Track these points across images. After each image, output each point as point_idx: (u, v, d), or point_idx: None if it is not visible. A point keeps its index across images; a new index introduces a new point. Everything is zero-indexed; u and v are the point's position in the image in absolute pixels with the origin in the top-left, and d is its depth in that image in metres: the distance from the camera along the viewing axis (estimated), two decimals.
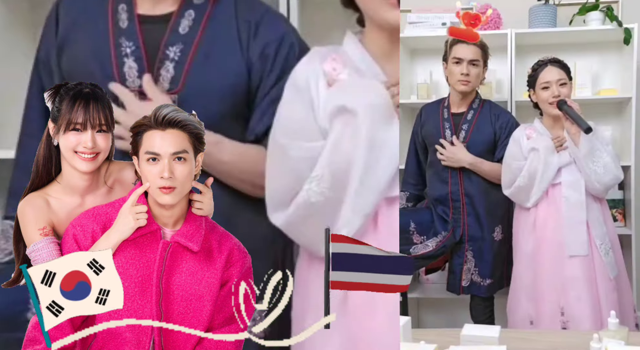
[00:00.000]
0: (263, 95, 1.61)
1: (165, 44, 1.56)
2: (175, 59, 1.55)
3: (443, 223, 2.51)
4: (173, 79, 1.55)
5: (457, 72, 2.46)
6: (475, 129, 2.53)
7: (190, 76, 1.55)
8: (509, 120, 2.56)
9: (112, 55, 1.55)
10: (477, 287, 2.50)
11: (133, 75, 1.54)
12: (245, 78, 1.60)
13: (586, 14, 2.99)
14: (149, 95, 1.52)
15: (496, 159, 2.49)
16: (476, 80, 2.50)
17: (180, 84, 1.55)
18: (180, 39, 1.57)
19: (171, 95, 1.54)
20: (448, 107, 2.57)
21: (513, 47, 2.94)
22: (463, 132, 2.52)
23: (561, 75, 2.31)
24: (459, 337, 1.57)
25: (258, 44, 1.61)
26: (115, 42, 1.56)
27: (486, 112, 2.57)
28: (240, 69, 1.60)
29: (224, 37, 1.60)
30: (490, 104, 2.60)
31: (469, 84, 2.47)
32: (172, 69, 1.55)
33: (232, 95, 1.59)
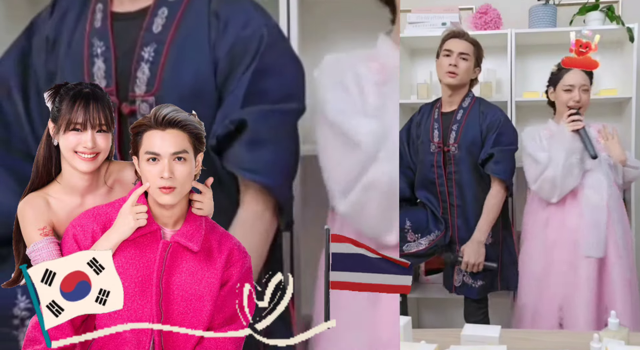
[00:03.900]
0: (227, 95, 1.54)
1: (140, 45, 1.51)
2: (150, 60, 1.51)
3: (436, 222, 2.47)
4: (149, 80, 1.51)
5: (445, 64, 2.41)
6: (465, 129, 2.45)
7: (164, 78, 1.51)
8: (497, 119, 2.45)
9: (84, 55, 1.52)
10: (468, 288, 2.48)
11: (100, 76, 1.51)
12: (211, 79, 1.54)
13: (586, 14, 2.99)
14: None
15: (481, 158, 2.40)
16: (465, 74, 2.42)
17: (156, 85, 1.50)
18: (154, 38, 1.52)
19: (148, 98, 1.50)
20: (439, 107, 2.51)
21: (513, 47, 2.94)
22: (453, 133, 2.44)
23: (585, 80, 2.30)
24: (459, 337, 1.57)
25: (226, 42, 1.55)
26: (89, 42, 1.53)
27: (475, 111, 2.49)
28: (206, 69, 1.53)
29: (195, 36, 1.55)
30: (480, 102, 2.52)
31: (456, 77, 2.40)
32: (147, 70, 1.51)
33: (201, 97, 1.52)
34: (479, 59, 2.47)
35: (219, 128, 1.51)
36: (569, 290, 2.22)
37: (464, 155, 2.43)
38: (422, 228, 2.46)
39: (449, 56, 2.41)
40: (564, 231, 2.25)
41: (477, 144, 2.43)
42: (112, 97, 1.43)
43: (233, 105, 1.51)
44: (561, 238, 2.26)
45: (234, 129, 1.50)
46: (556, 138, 2.31)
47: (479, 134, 2.43)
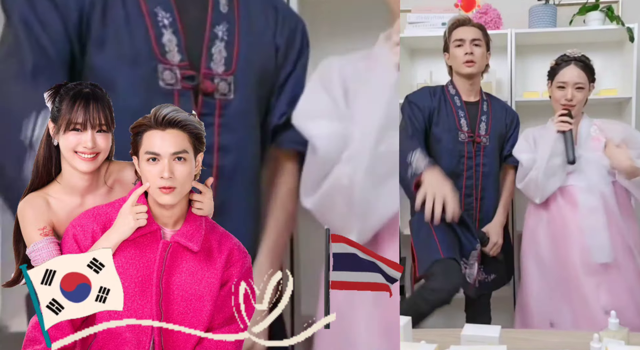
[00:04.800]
0: (285, 79, 1.62)
1: (211, 22, 1.51)
2: (225, 39, 1.51)
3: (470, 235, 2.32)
4: (226, 59, 1.52)
5: (460, 54, 2.35)
6: (493, 121, 2.42)
7: (240, 57, 1.53)
8: (515, 116, 2.51)
9: (147, 24, 1.46)
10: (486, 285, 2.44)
11: (172, 48, 1.47)
12: (273, 61, 1.61)
13: (586, 14, 2.99)
14: None
15: (508, 151, 2.42)
16: (481, 61, 2.37)
17: (234, 65, 1.52)
18: (224, 17, 1.53)
19: (227, 77, 1.52)
20: (458, 95, 2.42)
21: (513, 47, 2.94)
22: (483, 124, 2.40)
23: (580, 77, 2.26)
24: (459, 337, 1.57)
25: (285, 28, 1.62)
26: (150, 11, 1.47)
27: (496, 105, 2.49)
28: (270, 51, 1.60)
29: (256, 17, 1.59)
30: (494, 97, 2.54)
31: (474, 65, 2.35)
32: (223, 49, 1.51)
33: (267, 78, 1.59)
34: (488, 44, 2.43)
35: (288, 107, 1.60)
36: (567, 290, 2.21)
37: (495, 147, 2.41)
38: (460, 248, 2.30)
39: (461, 46, 2.36)
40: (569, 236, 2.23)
41: (503, 137, 2.45)
42: (186, 71, 1.46)
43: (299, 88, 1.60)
44: (561, 239, 2.25)
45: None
46: (543, 138, 2.31)
47: (504, 127, 2.45)
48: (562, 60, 2.31)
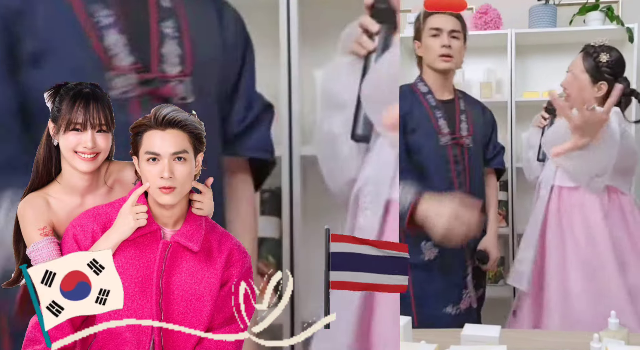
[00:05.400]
0: (237, 80, 1.49)
1: (156, 19, 1.34)
2: (176, 36, 1.35)
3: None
4: (181, 59, 1.36)
5: (436, 46, 2.05)
6: (474, 121, 2.15)
7: (195, 55, 1.37)
8: (492, 116, 2.28)
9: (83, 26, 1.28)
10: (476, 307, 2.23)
11: (121, 50, 1.30)
12: (226, 58, 1.45)
13: (586, 14, 3.00)
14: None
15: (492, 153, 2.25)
16: (458, 55, 2.09)
17: (189, 65, 1.37)
18: (169, 12, 1.37)
19: (184, 78, 1.36)
20: (431, 93, 2.13)
21: (513, 47, 2.95)
22: (464, 124, 2.12)
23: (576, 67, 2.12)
24: (459, 337, 1.57)
25: (229, 23, 1.47)
26: (85, 11, 1.29)
27: (472, 103, 2.22)
28: (220, 47, 1.44)
29: (200, 10, 1.43)
30: (467, 94, 2.28)
31: (452, 60, 2.06)
32: (176, 47, 1.36)
33: (229, 74, 1.45)
34: (466, 36, 2.15)
35: (249, 114, 1.48)
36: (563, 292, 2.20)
37: (478, 149, 2.16)
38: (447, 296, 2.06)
39: (437, 36, 2.06)
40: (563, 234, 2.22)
41: (485, 137, 2.23)
42: (142, 75, 1.29)
43: (251, 89, 1.48)
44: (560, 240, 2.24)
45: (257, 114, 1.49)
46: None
47: (483, 127, 2.21)
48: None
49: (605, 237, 2.01)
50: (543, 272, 2.13)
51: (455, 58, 2.08)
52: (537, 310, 2.15)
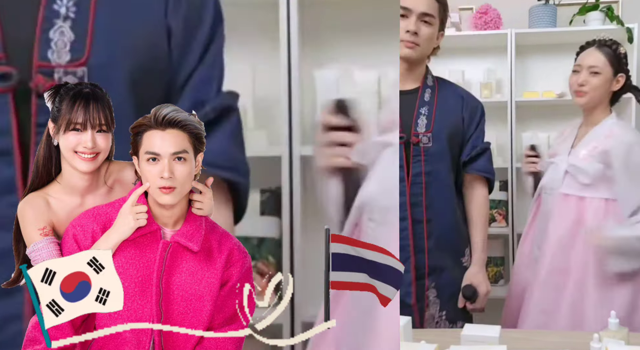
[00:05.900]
0: (186, 78, 1.28)
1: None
2: (71, 17, 1.13)
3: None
4: (73, 45, 1.14)
5: (402, 29, 1.76)
6: (440, 115, 1.83)
7: (98, 41, 1.14)
8: (479, 106, 1.94)
9: None
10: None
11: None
12: (165, 50, 1.23)
13: (586, 14, 3.00)
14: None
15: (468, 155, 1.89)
16: (427, 44, 1.82)
17: (87, 52, 1.15)
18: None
19: (77, 69, 1.15)
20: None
21: (513, 47, 2.95)
22: (423, 119, 1.81)
23: (598, 61, 2.01)
24: (459, 337, 1.57)
25: (181, 3, 1.24)
26: None
27: (449, 92, 1.90)
28: (160, 34, 1.21)
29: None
30: (448, 83, 1.97)
31: (416, 48, 1.79)
32: (68, 30, 1.13)
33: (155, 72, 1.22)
34: (443, 21, 1.86)
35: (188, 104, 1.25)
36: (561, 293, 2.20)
37: (441, 149, 1.83)
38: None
39: (405, 18, 1.76)
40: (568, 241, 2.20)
41: (459, 136, 1.88)
42: (3, 68, 1.07)
43: (207, 88, 1.25)
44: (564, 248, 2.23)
45: (213, 118, 1.25)
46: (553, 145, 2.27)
47: (461, 122, 1.88)
48: (587, 45, 2.10)
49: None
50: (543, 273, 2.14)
51: (421, 46, 1.80)
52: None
